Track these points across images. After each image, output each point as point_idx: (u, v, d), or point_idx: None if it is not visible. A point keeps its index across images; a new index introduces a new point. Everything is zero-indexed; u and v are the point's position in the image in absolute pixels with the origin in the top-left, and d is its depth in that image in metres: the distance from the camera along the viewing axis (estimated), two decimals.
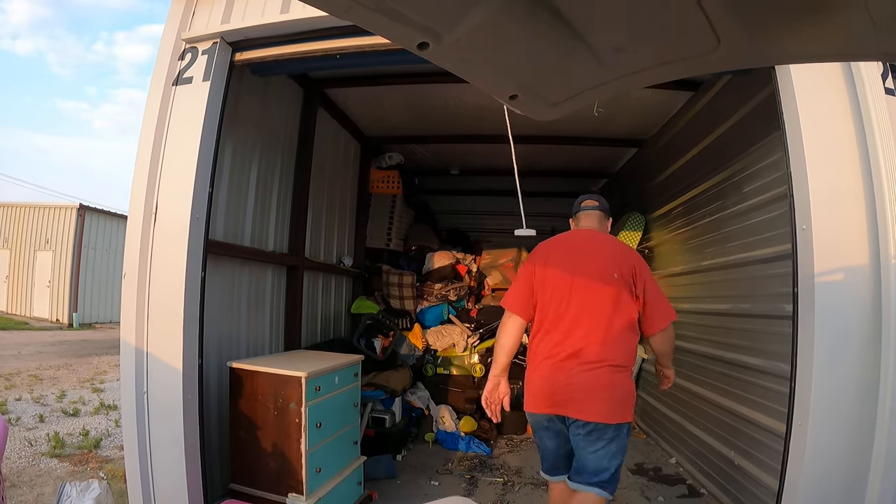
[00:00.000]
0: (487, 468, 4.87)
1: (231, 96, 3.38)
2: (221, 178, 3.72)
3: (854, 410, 2.83)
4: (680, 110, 5.31)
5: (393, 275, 6.56)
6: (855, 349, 2.84)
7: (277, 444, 3.18)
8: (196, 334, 3.03)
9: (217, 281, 3.67)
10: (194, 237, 3.06)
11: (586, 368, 2.71)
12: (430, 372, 6.21)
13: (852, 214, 2.89)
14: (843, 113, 2.96)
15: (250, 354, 4.07)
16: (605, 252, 2.89)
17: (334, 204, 5.84)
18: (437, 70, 3.83)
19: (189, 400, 2.93)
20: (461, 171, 8.23)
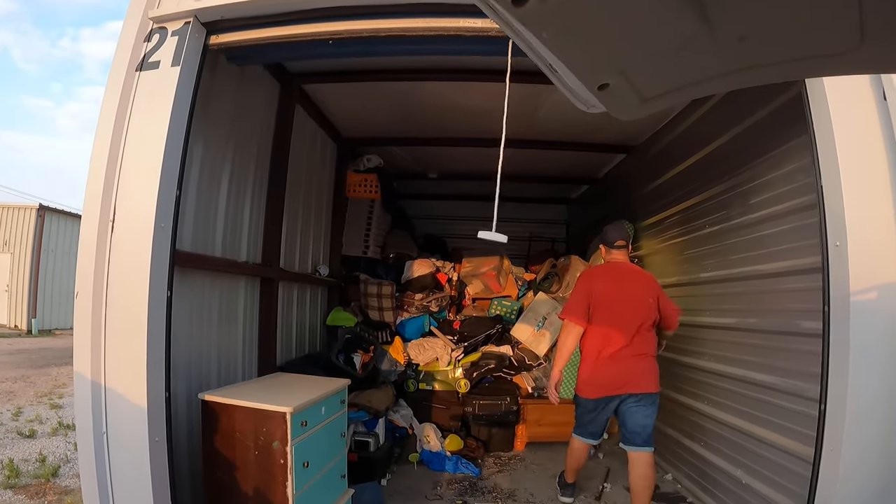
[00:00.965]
0: (479, 491, 4.53)
1: (203, 86, 2.97)
2: (190, 180, 3.28)
3: (887, 434, 2.68)
4: (677, 117, 5.13)
5: (371, 285, 6.21)
6: (889, 372, 2.70)
7: (260, 488, 2.77)
8: (162, 363, 2.61)
9: (185, 297, 3.24)
10: (159, 249, 2.63)
11: (639, 360, 3.85)
12: (412, 388, 5.85)
13: (885, 231, 2.77)
14: (873, 124, 2.85)
15: (223, 377, 3.65)
16: (642, 282, 4.06)
17: (310, 209, 5.44)
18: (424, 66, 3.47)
19: (157, 443, 2.51)
20: (439, 175, 7.93)
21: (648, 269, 5.91)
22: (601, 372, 3.87)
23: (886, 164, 2.78)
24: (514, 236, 8.65)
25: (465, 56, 3.97)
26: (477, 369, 5.79)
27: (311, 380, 3.69)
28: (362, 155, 6.66)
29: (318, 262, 5.74)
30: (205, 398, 2.91)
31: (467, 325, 6.23)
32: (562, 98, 4.25)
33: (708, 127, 4.53)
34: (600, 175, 7.81)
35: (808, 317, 3.20)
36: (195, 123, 2.90)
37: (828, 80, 2.80)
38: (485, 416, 5.59)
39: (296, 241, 5.10)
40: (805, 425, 3.15)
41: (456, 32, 2.86)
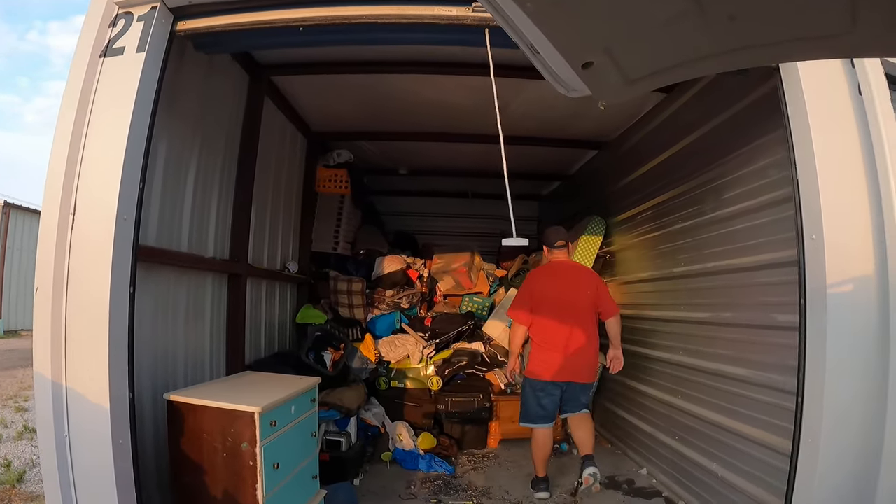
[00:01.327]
0: (453, 489, 4.49)
1: (170, 77, 2.85)
2: (155, 173, 3.15)
3: (863, 426, 2.74)
4: (650, 112, 5.16)
5: (341, 281, 6.11)
6: (865, 363, 2.76)
7: (229, 491, 2.67)
8: (125, 363, 2.49)
9: (150, 293, 3.12)
10: (121, 243, 2.51)
11: (581, 351, 4.32)
12: (383, 386, 5.77)
13: (859, 224, 2.83)
14: (848, 119, 2.91)
15: (189, 377, 3.52)
16: (579, 278, 4.55)
17: (279, 204, 5.31)
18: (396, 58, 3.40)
19: (120, 446, 2.39)
20: (410, 170, 7.86)
21: (621, 264, 6.03)
22: (542, 358, 4.36)
23: (861, 157, 2.82)
24: (485, 233, 8.68)
25: (438, 47, 3.93)
26: (449, 366, 5.75)
27: (280, 378, 3.60)
28: (332, 150, 6.55)
29: (287, 259, 5.62)
30: (170, 398, 2.79)
31: (439, 322, 6.17)
32: (533, 94, 4.26)
33: (681, 123, 4.55)
34: (572, 171, 7.83)
35: (783, 310, 3.23)
36: (161, 114, 2.79)
37: (804, 75, 2.83)
38: (458, 414, 5.55)
39: (264, 236, 4.98)
40: (781, 418, 3.17)
41: (430, 20, 2.80)
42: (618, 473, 4.92)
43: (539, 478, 4.44)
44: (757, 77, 3.27)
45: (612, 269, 6.26)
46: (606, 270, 6.34)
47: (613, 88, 1.30)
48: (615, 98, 1.34)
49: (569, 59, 1.16)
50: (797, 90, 2.84)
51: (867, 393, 2.72)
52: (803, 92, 2.81)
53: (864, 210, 2.79)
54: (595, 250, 6.20)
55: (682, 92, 4.43)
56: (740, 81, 3.40)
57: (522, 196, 9.23)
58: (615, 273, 6.17)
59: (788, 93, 2.90)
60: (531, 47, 1.20)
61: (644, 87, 1.31)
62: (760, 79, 3.27)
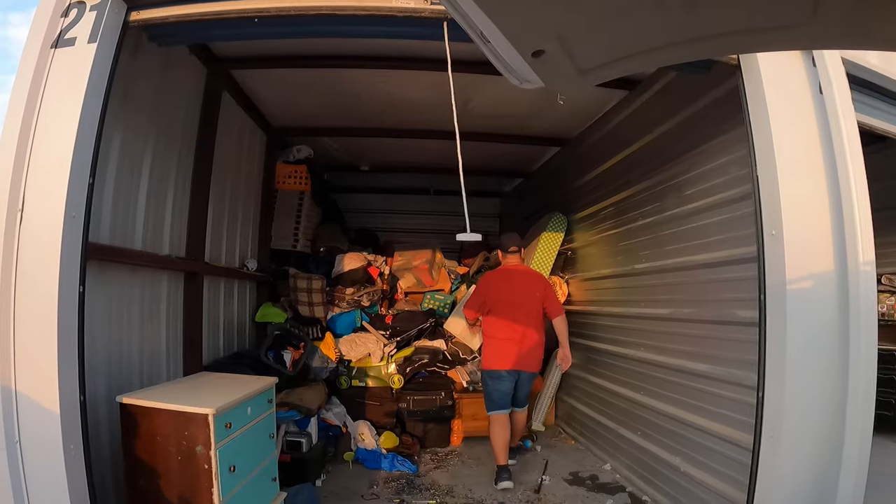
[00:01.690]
0: (416, 489, 4.47)
1: (124, 71, 2.76)
2: (107, 169, 3.05)
3: (824, 420, 2.83)
4: (611, 110, 5.21)
5: (301, 279, 6.00)
6: (824, 358, 2.84)
7: (185, 496, 2.60)
8: (75, 364, 2.39)
9: (102, 293, 3.03)
10: (70, 241, 2.42)
11: (530, 345, 4.79)
12: (344, 385, 5.71)
13: (819, 220, 2.92)
14: (809, 116, 3.01)
15: (146, 378, 3.42)
16: (528, 282, 4.97)
17: (237, 201, 5.20)
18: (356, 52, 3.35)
19: (72, 451, 2.30)
20: (371, 167, 7.81)
21: (583, 261, 6.09)
22: (498, 351, 4.79)
23: (821, 155, 2.89)
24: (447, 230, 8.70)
25: (399, 42, 3.90)
26: (410, 364, 5.71)
27: (237, 379, 3.53)
28: (292, 145, 6.46)
29: (245, 256, 5.50)
30: (123, 401, 2.71)
31: (400, 320, 6.14)
32: (494, 90, 4.26)
33: (642, 120, 4.60)
34: (534, 168, 7.89)
35: (743, 306, 3.29)
36: (114, 107, 2.70)
37: (765, 73, 2.89)
38: (420, 412, 5.53)
39: (222, 234, 4.87)
40: (742, 412, 3.24)
41: (388, 13, 2.78)
42: (581, 469, 4.96)
43: (501, 466, 4.61)
44: (718, 75, 3.31)
45: (574, 265, 6.32)
46: (568, 267, 6.41)
47: (566, 79, 1.27)
48: (569, 89, 1.33)
49: (518, 47, 1.13)
50: (758, 88, 2.90)
51: (827, 387, 2.81)
52: (764, 90, 2.87)
53: (824, 207, 2.88)
54: (556, 247, 6.25)
55: (643, 90, 4.49)
56: (702, 79, 3.45)
57: (484, 193, 9.25)
58: (577, 270, 6.23)
59: (749, 91, 2.97)
60: (481, 35, 1.17)
61: (598, 78, 1.29)
62: (722, 77, 3.32)
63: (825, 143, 2.91)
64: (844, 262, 2.85)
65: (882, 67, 3.34)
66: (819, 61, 2.97)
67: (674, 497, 3.97)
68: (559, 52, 1.13)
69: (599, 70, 1.25)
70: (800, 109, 2.94)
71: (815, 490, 2.81)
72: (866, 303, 2.81)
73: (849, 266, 2.84)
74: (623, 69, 1.27)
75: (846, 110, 2.93)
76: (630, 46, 1.14)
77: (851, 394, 2.80)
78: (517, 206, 8.84)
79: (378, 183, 8.76)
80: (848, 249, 2.85)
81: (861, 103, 3.20)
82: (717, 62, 3.09)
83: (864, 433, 2.80)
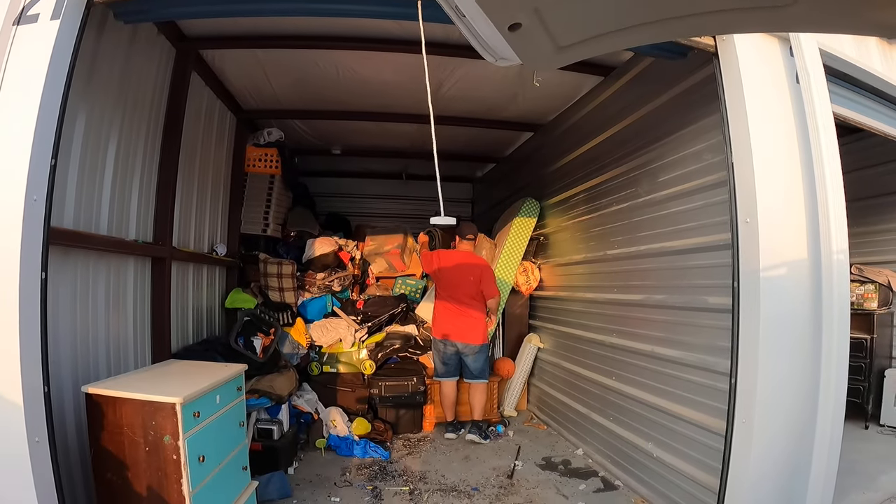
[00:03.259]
0: (389, 475, 4.45)
1: (89, 50, 2.66)
2: (71, 150, 2.94)
3: (797, 406, 2.88)
4: (586, 95, 5.22)
5: (271, 264, 5.93)
6: (797, 345, 2.89)
7: (154, 488, 2.54)
8: (38, 354, 2.30)
9: (67, 280, 2.94)
10: (31, 225, 2.31)
11: (466, 319, 5.42)
12: (315, 371, 5.66)
13: (793, 208, 2.96)
14: (785, 105, 3.04)
15: (112, 369, 3.33)
16: (472, 266, 5.53)
17: (206, 185, 5.08)
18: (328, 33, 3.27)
19: (37, 444, 2.22)
20: (343, 151, 7.71)
21: (555, 246, 6.16)
22: (441, 322, 5.49)
23: (797, 143, 2.93)
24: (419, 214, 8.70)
25: (373, 23, 3.84)
26: (382, 350, 5.69)
27: (205, 366, 3.45)
28: (262, 128, 6.33)
29: (214, 241, 5.40)
30: (88, 391, 2.63)
31: (371, 305, 6.12)
32: (468, 74, 4.20)
33: (617, 106, 4.60)
34: (507, 153, 7.88)
35: (714, 292, 3.34)
36: (78, 87, 2.61)
37: (742, 61, 2.90)
38: (391, 398, 5.50)
39: (190, 218, 4.76)
40: (713, 398, 3.30)
41: None
42: (554, 454, 5.00)
43: (448, 422, 5.50)
44: (694, 62, 3.33)
45: (547, 251, 6.35)
46: (540, 252, 6.43)
47: (543, 56, 1.24)
48: (545, 67, 1.29)
49: (494, 20, 1.10)
50: (735, 76, 2.92)
51: (800, 374, 2.87)
52: (741, 78, 2.89)
53: (799, 195, 2.92)
54: (529, 232, 6.27)
55: (618, 75, 4.50)
56: (677, 66, 3.45)
57: (457, 178, 9.23)
58: (549, 255, 6.26)
59: (726, 78, 2.98)
60: (456, 9, 1.13)
61: (574, 56, 1.26)
62: (698, 63, 3.33)
63: (801, 133, 2.95)
64: (818, 251, 2.90)
65: (858, 59, 3.38)
66: (797, 50, 2.99)
67: (646, 482, 4.02)
68: (536, 26, 1.10)
69: (577, 47, 1.22)
70: (776, 98, 2.97)
71: (787, 475, 2.87)
72: (839, 291, 2.87)
73: (822, 254, 2.89)
74: (600, 47, 1.24)
75: (822, 100, 2.96)
76: (609, 23, 1.11)
77: (824, 381, 2.86)
78: (490, 191, 8.84)
79: (350, 167, 8.67)
80: (822, 238, 2.90)
81: (837, 94, 3.24)
82: (694, 48, 3.10)
83: (836, 419, 2.86)
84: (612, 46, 1.29)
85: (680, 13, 1.06)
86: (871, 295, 5.54)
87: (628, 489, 4.20)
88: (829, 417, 2.83)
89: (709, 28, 1.32)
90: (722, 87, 3.00)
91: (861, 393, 5.34)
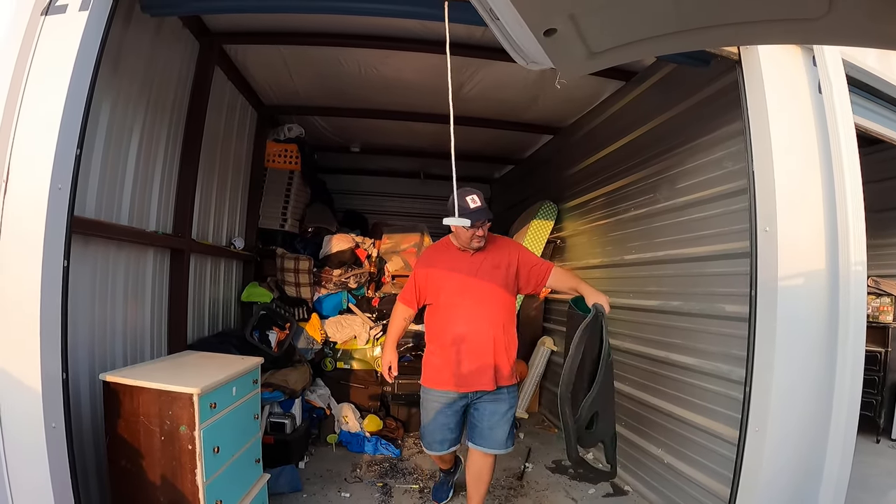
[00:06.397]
0: (400, 473, 4.48)
1: (115, 42, 2.69)
2: (95, 141, 2.98)
3: (810, 418, 2.85)
4: (607, 100, 5.19)
5: (288, 259, 5.96)
6: (813, 355, 2.86)
7: (168, 477, 2.57)
8: (57, 341, 2.32)
9: (87, 268, 2.96)
10: (55, 213, 2.33)
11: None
12: (329, 367, 5.68)
13: (813, 219, 2.92)
14: (807, 115, 3.00)
15: (129, 358, 3.37)
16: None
17: (226, 178, 5.12)
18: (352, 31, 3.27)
19: (54, 430, 2.24)
20: (362, 149, 7.73)
21: (571, 250, 6.13)
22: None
23: (818, 154, 2.90)
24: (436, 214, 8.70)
25: (397, 23, 3.85)
26: None
27: (222, 358, 3.48)
28: (283, 124, 6.37)
29: (233, 235, 5.43)
30: (106, 379, 2.66)
31: (386, 303, 6.09)
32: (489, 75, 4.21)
33: (638, 112, 4.57)
34: (526, 155, 7.85)
35: (731, 300, 3.32)
36: (104, 78, 2.63)
37: (766, 70, 2.88)
38: (404, 396, 5.51)
39: (210, 211, 4.79)
40: (727, 406, 3.27)
41: None
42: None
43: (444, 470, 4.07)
44: (717, 69, 3.30)
45: (563, 254, 6.33)
46: (556, 256, 6.40)
47: (575, 61, 1.24)
48: (576, 72, 1.29)
49: (531, 24, 1.10)
50: (758, 84, 2.89)
51: (814, 385, 2.83)
52: (764, 86, 2.86)
53: (818, 205, 2.89)
54: (546, 235, 6.25)
55: (640, 81, 4.46)
56: (699, 73, 3.42)
57: (475, 178, 9.19)
58: (565, 258, 6.23)
59: (749, 86, 2.95)
60: (491, 12, 1.13)
61: (606, 62, 1.26)
62: (720, 71, 3.31)
63: (822, 142, 2.92)
64: (836, 262, 2.87)
65: (881, 71, 3.33)
66: (819, 61, 2.96)
67: (656, 488, 4.00)
68: (571, 32, 1.10)
69: (609, 54, 1.22)
70: (798, 107, 2.94)
71: (798, 485, 2.84)
72: (856, 303, 2.83)
73: (840, 266, 2.86)
74: (631, 54, 1.26)
75: (844, 111, 2.93)
76: (641, 30, 1.11)
77: (837, 392, 2.83)
78: (507, 192, 8.80)
79: (368, 165, 8.68)
80: (840, 249, 2.86)
81: (858, 105, 3.20)
82: (717, 56, 3.08)
83: (849, 432, 2.83)
84: (643, 54, 1.29)
85: (713, 23, 1.07)
86: (887, 308, 5.47)
87: (638, 495, 4.19)
88: (841, 429, 2.81)
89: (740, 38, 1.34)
90: (745, 96, 2.97)
91: (873, 407, 5.28)
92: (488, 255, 3.47)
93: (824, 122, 2.92)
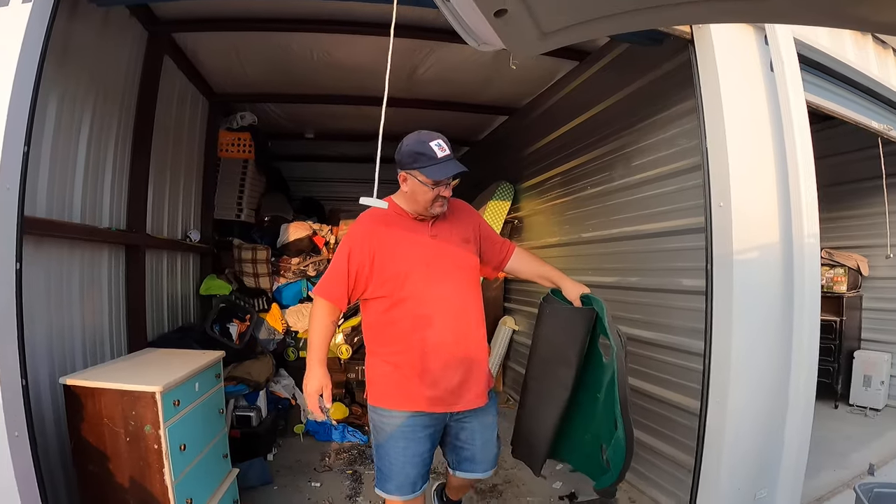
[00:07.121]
0: (368, 459, 4.48)
1: (61, 34, 2.58)
2: (43, 137, 2.88)
3: (770, 386, 2.98)
4: (561, 80, 5.19)
5: (245, 250, 5.87)
6: (770, 325, 2.98)
7: (136, 479, 2.53)
8: (15, 347, 2.24)
9: (40, 270, 2.87)
10: (4, 215, 2.24)
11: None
12: (292, 356, 5.64)
13: (765, 192, 3.02)
14: (759, 92, 3.09)
15: (89, 360, 3.28)
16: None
17: (179, 170, 4.98)
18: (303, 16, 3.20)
19: (17, 438, 2.18)
20: (317, 135, 7.62)
21: (529, 229, 6.20)
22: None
23: (770, 130, 2.99)
24: None
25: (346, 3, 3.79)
26: (358, 334, 5.66)
27: (183, 354, 3.40)
28: (235, 112, 6.22)
29: (188, 227, 5.30)
30: (66, 382, 2.59)
31: None
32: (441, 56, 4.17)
33: (591, 91, 4.62)
34: (481, 137, 7.86)
35: (689, 275, 3.41)
36: (50, 72, 2.54)
37: (718, 49, 2.95)
38: None
39: (164, 204, 4.67)
40: (689, 379, 3.38)
41: None
42: None
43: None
44: (670, 48, 3.37)
45: (521, 234, 6.40)
46: (514, 236, 6.46)
47: (527, 42, 1.23)
48: (528, 53, 1.28)
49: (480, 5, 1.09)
50: (710, 62, 2.95)
51: (772, 354, 2.96)
52: (717, 65, 2.93)
53: (772, 180, 2.99)
54: (503, 215, 6.31)
55: (593, 60, 4.49)
56: (653, 52, 3.49)
57: None
58: (523, 238, 6.31)
59: (701, 65, 3.02)
60: None
61: (558, 42, 1.26)
62: (673, 50, 3.37)
63: (774, 119, 3.01)
64: (790, 235, 2.99)
65: (832, 49, 3.44)
66: (771, 39, 3.04)
67: None
68: (522, 12, 1.10)
69: (561, 34, 1.22)
70: (750, 85, 3.03)
71: (760, 451, 2.98)
72: (810, 274, 2.96)
73: (794, 238, 2.98)
74: (584, 34, 1.24)
75: (796, 88, 3.04)
76: (594, 10, 1.12)
77: (795, 360, 2.97)
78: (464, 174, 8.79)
79: (323, 151, 8.57)
80: (794, 222, 2.98)
81: (810, 83, 3.31)
82: (670, 35, 3.13)
83: (807, 398, 2.97)
84: (594, 34, 1.30)
85: (664, 2, 1.08)
86: (841, 278, 5.70)
87: None
88: (801, 395, 2.96)
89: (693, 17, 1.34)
90: (697, 74, 3.04)
91: (831, 374, 5.52)
92: (454, 226, 2.64)
93: (776, 99, 3.02)
